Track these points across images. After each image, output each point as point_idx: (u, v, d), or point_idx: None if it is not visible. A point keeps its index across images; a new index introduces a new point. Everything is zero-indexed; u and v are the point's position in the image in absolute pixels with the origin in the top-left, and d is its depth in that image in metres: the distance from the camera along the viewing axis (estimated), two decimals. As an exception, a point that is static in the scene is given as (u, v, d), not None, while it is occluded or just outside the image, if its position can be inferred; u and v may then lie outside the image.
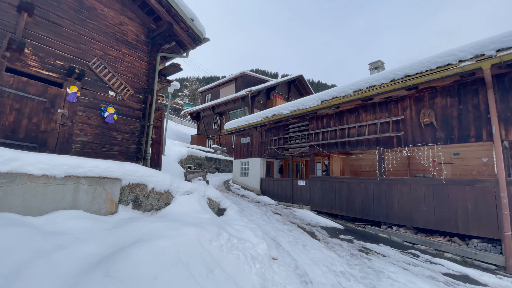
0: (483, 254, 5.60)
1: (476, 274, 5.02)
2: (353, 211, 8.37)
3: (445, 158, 8.03)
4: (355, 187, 8.42)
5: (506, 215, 5.31)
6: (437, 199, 6.47)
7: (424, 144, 6.86)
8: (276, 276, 4.12)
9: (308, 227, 7.38)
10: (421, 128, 6.99)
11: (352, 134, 8.75)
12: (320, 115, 10.02)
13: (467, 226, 5.92)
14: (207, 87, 31.01)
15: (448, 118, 6.51)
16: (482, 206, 5.75)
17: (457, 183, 6.18)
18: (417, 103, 7.17)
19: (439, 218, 6.38)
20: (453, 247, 6.04)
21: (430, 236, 6.69)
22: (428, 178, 6.74)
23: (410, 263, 5.33)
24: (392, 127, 7.65)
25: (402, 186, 7.19)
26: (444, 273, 5.00)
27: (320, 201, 9.52)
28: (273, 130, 12.31)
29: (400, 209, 7.17)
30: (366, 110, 8.45)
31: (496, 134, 5.62)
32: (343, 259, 5.24)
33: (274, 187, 11.87)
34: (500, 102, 5.74)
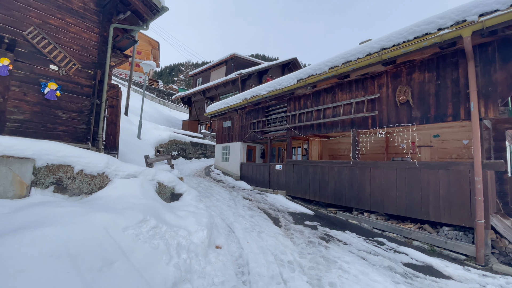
0: (453, 243, 5.16)
1: (442, 265, 4.60)
2: (326, 197, 7.92)
3: (424, 140, 7.45)
4: (328, 172, 7.92)
5: (480, 201, 4.81)
6: (409, 184, 5.97)
7: (399, 124, 6.28)
8: (209, 267, 3.69)
9: (275, 213, 6.95)
10: (397, 107, 6.38)
11: (327, 115, 8.15)
12: (297, 95, 9.38)
13: (438, 213, 5.45)
14: (198, 71, 30.04)
15: (425, 95, 5.89)
16: (455, 192, 5.24)
17: (431, 167, 5.65)
18: (394, 79, 6.52)
19: (410, 204, 5.91)
20: (422, 235, 5.60)
21: (401, 223, 6.25)
22: (401, 162, 6.22)
23: (372, 252, 4.90)
24: (367, 106, 7.04)
25: (375, 170, 6.68)
26: (406, 263, 4.57)
27: (295, 186, 9.07)
28: (253, 113, 11.69)
29: (371, 194, 6.70)
30: (342, 89, 7.81)
31: (474, 112, 5.02)
32: (298, 247, 4.81)
33: (253, 172, 11.41)
34: (481, 76, 5.10)
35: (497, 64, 4.92)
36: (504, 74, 4.82)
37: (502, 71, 4.85)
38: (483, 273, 4.39)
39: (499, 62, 4.91)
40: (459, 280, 4.13)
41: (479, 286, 3.90)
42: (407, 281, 3.91)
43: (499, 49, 4.94)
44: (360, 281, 3.75)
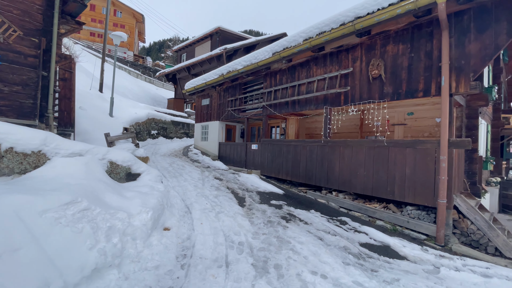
0: (415, 223, 5.07)
1: (400, 245, 4.50)
2: (298, 176, 7.74)
3: (399, 118, 7.20)
4: (301, 151, 7.67)
5: (444, 180, 4.64)
6: (377, 163, 5.77)
7: (371, 100, 5.95)
8: (147, 250, 3.46)
9: (243, 192, 6.75)
10: (369, 82, 6.01)
11: (302, 91, 7.74)
12: (273, 71, 8.87)
13: (403, 192, 5.31)
14: (182, 45, 28.59)
15: (398, 69, 5.52)
16: (421, 171, 5.06)
17: (398, 145, 5.42)
18: (368, 52, 6.08)
19: (377, 183, 5.75)
20: (386, 214, 5.49)
21: (368, 202, 6.13)
22: (369, 140, 5.97)
23: (331, 231, 4.77)
24: (340, 82, 6.64)
25: (345, 149, 6.44)
26: (363, 243, 4.46)
27: (269, 165, 8.84)
28: (231, 90, 11.16)
29: (340, 173, 6.51)
30: (317, 64, 7.34)
31: (444, 87, 4.70)
32: (254, 227, 4.62)
33: (230, 152, 11.12)
34: (455, 47, 4.72)
35: (472, 35, 4.54)
36: (478, 46, 4.46)
37: (477, 42, 4.48)
38: (441, 253, 4.32)
39: (474, 33, 4.52)
40: (413, 261, 4.03)
41: (432, 267, 3.81)
42: (359, 262, 3.78)
43: (475, 17, 4.53)
44: (309, 263, 3.59)
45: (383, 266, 3.75)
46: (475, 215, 4.64)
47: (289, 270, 3.39)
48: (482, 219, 4.56)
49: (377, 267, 3.69)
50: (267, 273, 3.29)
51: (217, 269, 3.28)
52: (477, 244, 4.61)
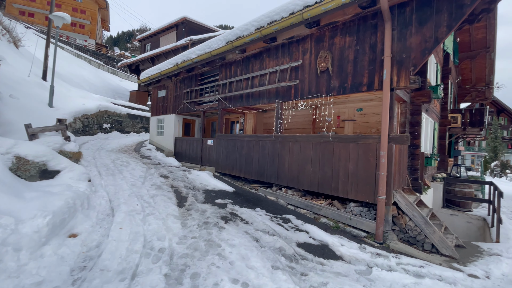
0: (357, 220, 4.95)
1: (338, 244, 4.31)
2: (250, 172, 7.39)
3: (349, 114, 7.14)
4: (253, 146, 7.32)
5: (383, 176, 4.54)
6: (323, 159, 5.59)
7: (319, 95, 5.74)
8: (33, 263, 2.83)
9: (188, 191, 6.23)
10: (317, 75, 5.79)
11: (255, 84, 7.37)
12: (228, 61, 8.39)
13: (347, 188, 5.17)
14: (146, 35, 26.94)
15: (344, 62, 5.34)
16: (363, 167, 4.95)
17: (343, 140, 5.26)
18: (317, 44, 5.85)
19: (322, 179, 5.57)
20: (330, 211, 5.33)
21: (315, 199, 5.96)
22: (316, 135, 5.77)
23: (270, 231, 4.45)
24: (290, 75, 6.37)
25: (294, 144, 6.20)
26: (301, 243, 4.20)
27: (224, 162, 8.40)
28: (187, 81, 10.48)
29: (290, 169, 6.27)
30: (269, 55, 7.00)
31: (386, 81, 4.58)
32: (185, 230, 4.16)
33: (186, 148, 10.48)
34: (397, 40, 4.61)
35: (413, 27, 4.45)
36: (419, 38, 4.38)
37: (417, 35, 4.40)
38: (378, 251, 4.20)
39: (416, 25, 4.43)
40: (348, 261, 3.85)
41: (366, 268, 3.64)
42: (290, 265, 3.49)
43: (417, 9, 4.44)
44: (233, 269, 3.22)
45: (315, 268, 3.50)
46: (413, 212, 4.61)
47: (207, 279, 2.99)
48: (420, 216, 4.53)
49: (308, 270, 3.43)
50: (179, 285, 2.85)
51: (118, 283, 2.77)
52: (415, 241, 4.59)
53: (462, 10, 3.96)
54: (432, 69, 8.22)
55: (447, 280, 3.43)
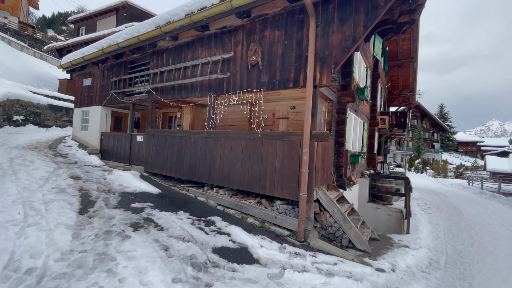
0: (282, 218, 4.82)
1: (258, 245, 4.08)
2: (182, 172, 6.82)
3: (283, 112, 7.12)
4: (186, 143, 6.76)
5: (305, 174, 4.47)
6: (252, 156, 5.36)
7: (250, 89, 5.48)
8: None
9: (99, 195, 5.38)
10: (248, 69, 5.53)
11: (187, 75, 6.81)
12: (160, 49, 7.62)
13: (273, 186, 5.02)
14: (80, 16, 23.77)
15: (273, 57, 5.18)
16: (288, 164, 4.84)
17: (271, 137, 5.10)
18: (249, 36, 5.59)
19: (251, 177, 5.35)
20: (258, 210, 5.13)
21: (246, 198, 5.71)
22: (247, 132, 5.53)
23: (186, 237, 4.01)
24: (222, 67, 6.00)
25: (225, 141, 5.85)
26: (218, 248, 3.85)
27: (154, 160, 7.63)
28: (115, 69, 9.30)
29: (221, 167, 5.91)
30: (202, 45, 6.51)
31: (309, 77, 4.52)
32: (75, 243, 3.44)
33: (114, 145, 9.31)
34: (321, 37, 4.59)
35: (335, 25, 4.47)
36: (340, 36, 4.40)
37: (339, 33, 4.42)
38: (297, 250, 4.09)
39: (337, 23, 4.45)
40: (264, 263, 3.63)
41: (279, 270, 3.46)
42: (196, 276, 3.10)
43: (339, 7, 4.46)
44: None
45: (223, 276, 3.18)
46: (333, 208, 4.65)
47: (80, 305, 2.41)
48: (339, 212, 4.60)
49: (215, 280, 3.08)
50: (34, 318, 2.21)
51: None
52: (334, 237, 4.65)
53: (376, 10, 4.06)
54: (362, 72, 8.73)
55: (356, 276, 3.45)
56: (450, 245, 5.24)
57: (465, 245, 5.36)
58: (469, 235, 6.20)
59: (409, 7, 5.70)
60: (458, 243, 5.43)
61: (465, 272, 3.90)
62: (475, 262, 4.33)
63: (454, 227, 6.88)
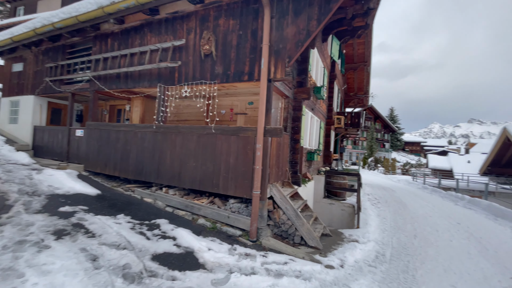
0: (235, 218, 4.57)
1: (205, 248, 3.76)
2: (127, 171, 6.17)
3: (241, 107, 6.90)
4: (132, 138, 6.12)
5: (258, 170, 4.28)
6: (206, 152, 5.01)
7: (203, 81, 5.12)
8: None
9: (20, 197, 4.54)
10: (201, 59, 5.16)
11: (134, 62, 6.16)
12: (104, 33, 6.80)
13: (227, 184, 4.75)
14: (15, -6, 20.55)
15: (228, 47, 4.89)
16: (242, 160, 4.61)
17: (225, 132, 4.82)
18: (202, 24, 5.22)
19: (204, 175, 5.00)
20: (210, 210, 4.81)
21: (198, 197, 5.34)
22: (200, 127, 5.16)
23: (122, 244, 3.52)
24: (173, 55, 5.54)
25: (177, 136, 5.41)
26: (159, 255, 3.44)
27: (95, 157, 6.80)
28: (52, 53, 8.12)
29: (172, 165, 5.44)
30: (152, 30, 5.94)
31: (263, 70, 4.33)
32: (-32, 259, 2.75)
33: (49, 140, 8.13)
34: (276, 29, 4.43)
35: (290, 17, 4.34)
36: (294, 30, 4.28)
37: (293, 26, 4.30)
38: (248, 251, 3.88)
39: (292, 15, 4.33)
40: (210, 268, 3.34)
41: (225, 275, 3.19)
42: (127, 289, 2.68)
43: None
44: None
45: (160, 287, 2.81)
46: (286, 205, 4.55)
47: None
48: (292, 209, 4.50)
49: (149, 292, 2.70)
50: None
51: None
52: (287, 235, 4.55)
53: (329, 5, 4.02)
54: (319, 72, 8.90)
55: (305, 275, 3.35)
56: (396, 238, 5.53)
57: (409, 237, 5.71)
58: (412, 227, 6.65)
59: (362, 9, 5.86)
60: (402, 236, 5.76)
61: (409, 264, 4.08)
62: (418, 254, 4.59)
63: (399, 220, 7.36)
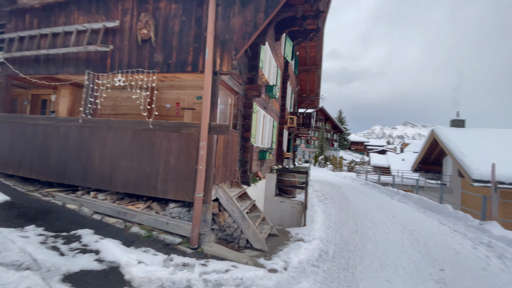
0: (175, 224, 4.14)
1: (135, 261, 3.26)
2: (47, 172, 5.20)
3: (189, 102, 6.43)
4: (53, 134, 5.18)
5: (202, 171, 3.92)
6: (142, 151, 4.46)
7: (140, 69, 4.54)
8: None
9: None
10: (139, 45, 4.58)
11: (57, 44, 5.22)
12: (22, 7, 5.64)
13: (166, 186, 4.29)
14: None
15: (169, 33, 4.42)
16: (184, 160, 4.20)
17: (165, 129, 4.34)
18: (141, 5, 4.64)
19: (140, 177, 4.44)
20: (147, 216, 4.28)
21: (134, 202, 4.74)
22: (135, 121, 4.60)
23: (25, 263, 2.82)
24: (105, 38, 4.82)
25: (108, 131, 4.71)
26: (73, 274, 2.85)
27: (7, 156, 5.61)
28: None
29: (101, 166, 4.73)
30: (80, 7, 5.10)
31: (208, 61, 3.99)
32: None
33: None
34: (222, 18, 4.12)
35: (237, 7, 4.08)
36: (241, 20, 4.04)
37: (240, 16, 4.05)
38: (186, 261, 3.49)
39: (239, 5, 4.08)
40: (138, 285, 2.88)
41: (154, 290, 2.79)
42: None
43: (241, -11, 4.08)
44: None
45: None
46: (232, 207, 4.29)
47: None
48: (238, 210, 4.27)
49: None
50: None
51: None
52: (232, 238, 4.30)
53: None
54: (272, 71, 8.88)
55: (246, 283, 3.13)
56: (339, 234, 5.72)
57: (350, 232, 5.98)
58: (354, 222, 7.02)
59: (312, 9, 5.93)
60: (345, 231, 6.01)
61: (349, 261, 4.19)
62: (358, 250, 4.77)
63: (343, 215, 7.74)
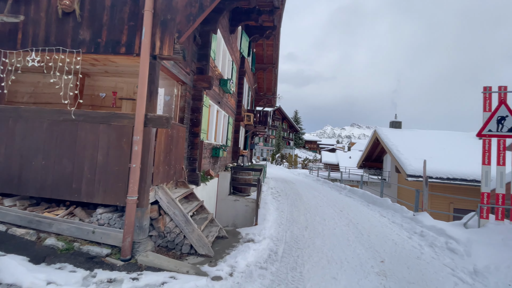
0: (102, 232, 3.52)
1: (44, 282, 2.64)
2: None
3: (128, 91, 5.70)
4: None
5: (136, 169, 3.39)
6: (62, 146, 3.71)
7: (61, 48, 3.76)
8: None
9: None
10: (59, 18, 3.79)
11: None
12: None
13: (93, 189, 3.63)
14: None
15: (99, 7, 3.74)
16: (115, 157, 3.60)
17: (91, 120, 3.68)
18: (62, -30, 3.83)
19: (59, 177, 3.69)
20: (67, 225, 3.56)
21: (53, 208, 3.94)
22: (54, 110, 3.83)
23: None
24: (17, 7, 3.89)
25: (17, 122, 3.82)
26: None
27: None
28: None
29: (7, 164, 3.81)
30: (-22, -36, 4.03)
31: (145, 42, 3.45)
32: None
33: None
34: (164, -5, 3.61)
35: (181, -15, 3.61)
36: (185, 0, 3.58)
37: (184, -4, 3.59)
38: (113, 276, 2.94)
39: (183, -17, 3.61)
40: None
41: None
42: None
43: (186, -35, 3.63)
44: None
45: None
46: (174, 210, 3.84)
47: None
48: (181, 213, 3.83)
49: None
50: None
51: None
52: (173, 245, 3.85)
53: (226, -20, 3.53)
54: (227, 65, 8.53)
55: (184, 296, 2.75)
56: (290, 231, 5.68)
57: (301, 229, 5.99)
58: (305, 218, 7.11)
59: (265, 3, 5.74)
60: (296, 228, 6.00)
61: (298, 259, 4.10)
62: (307, 247, 4.73)
63: (295, 212, 7.81)
